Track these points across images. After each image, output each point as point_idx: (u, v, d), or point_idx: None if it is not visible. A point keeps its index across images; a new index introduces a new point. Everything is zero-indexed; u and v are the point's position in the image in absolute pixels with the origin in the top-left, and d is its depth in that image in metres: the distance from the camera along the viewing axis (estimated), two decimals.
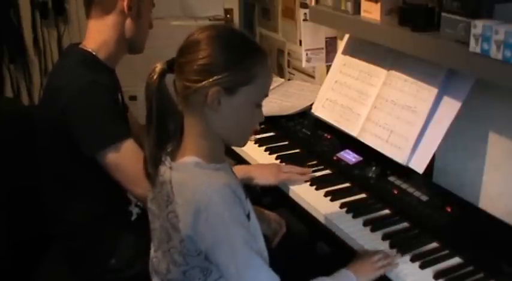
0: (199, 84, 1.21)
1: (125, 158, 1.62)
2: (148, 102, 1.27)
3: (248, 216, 1.28)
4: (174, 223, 1.25)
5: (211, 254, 1.22)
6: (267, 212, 1.74)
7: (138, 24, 1.77)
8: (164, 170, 1.30)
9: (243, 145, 1.40)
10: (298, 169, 1.85)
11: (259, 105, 1.29)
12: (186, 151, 1.29)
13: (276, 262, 1.31)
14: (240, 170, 1.74)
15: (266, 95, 1.30)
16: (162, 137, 1.31)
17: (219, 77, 1.21)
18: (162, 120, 1.29)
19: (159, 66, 1.27)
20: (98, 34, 1.74)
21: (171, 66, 1.27)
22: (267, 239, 1.65)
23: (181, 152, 1.30)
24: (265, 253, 1.33)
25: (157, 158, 1.32)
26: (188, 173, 1.26)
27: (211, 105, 1.22)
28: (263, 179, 1.79)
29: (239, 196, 1.24)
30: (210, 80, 1.20)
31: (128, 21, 1.75)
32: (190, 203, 1.21)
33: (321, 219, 1.64)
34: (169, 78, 1.29)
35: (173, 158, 1.30)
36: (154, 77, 1.26)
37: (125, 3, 1.72)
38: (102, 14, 1.74)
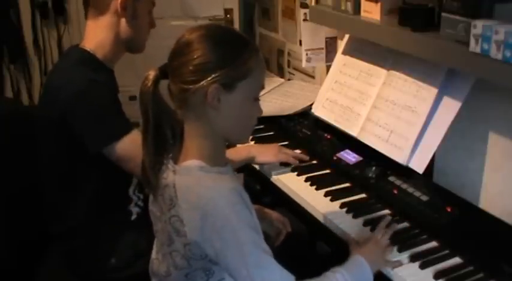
0: (198, 85, 1.20)
1: (135, 148, 1.60)
2: (144, 110, 1.26)
3: None
4: (177, 227, 1.24)
5: (221, 258, 1.21)
6: (268, 210, 1.74)
7: (134, 25, 1.75)
8: (167, 174, 1.29)
9: (245, 141, 1.40)
10: (297, 154, 1.96)
11: (257, 99, 1.29)
12: (188, 153, 1.28)
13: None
14: (242, 150, 1.84)
15: (263, 87, 1.31)
16: (160, 145, 1.30)
17: (216, 74, 1.20)
18: (159, 128, 1.28)
19: (152, 73, 1.26)
20: (94, 35, 1.74)
21: (164, 72, 1.26)
22: (269, 238, 1.65)
23: (184, 155, 1.29)
24: (270, 253, 1.32)
25: (156, 167, 1.30)
26: (193, 177, 1.24)
27: (212, 103, 1.22)
28: (263, 157, 1.89)
29: (245, 199, 1.23)
30: (208, 78, 1.20)
31: (123, 22, 1.74)
32: (196, 209, 1.20)
33: (321, 219, 1.64)
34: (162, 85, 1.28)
35: (176, 161, 1.29)
36: (149, 84, 1.25)
37: (118, 4, 1.71)
38: (97, 15, 1.73)
